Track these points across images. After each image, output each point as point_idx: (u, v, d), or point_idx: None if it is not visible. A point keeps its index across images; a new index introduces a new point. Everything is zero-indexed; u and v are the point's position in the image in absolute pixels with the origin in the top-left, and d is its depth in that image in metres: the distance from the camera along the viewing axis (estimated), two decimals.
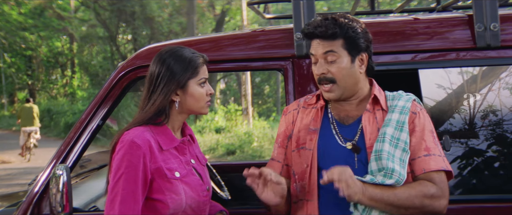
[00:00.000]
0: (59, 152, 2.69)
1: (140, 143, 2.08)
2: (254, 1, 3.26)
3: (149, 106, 2.18)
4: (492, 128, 2.52)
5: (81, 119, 2.72)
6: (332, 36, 2.12)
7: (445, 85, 2.57)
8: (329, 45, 2.13)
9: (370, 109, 2.18)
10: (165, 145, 2.17)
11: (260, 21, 25.06)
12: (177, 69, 2.17)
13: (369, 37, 2.18)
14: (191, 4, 20.70)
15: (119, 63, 2.99)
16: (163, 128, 2.19)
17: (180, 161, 2.21)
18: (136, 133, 2.11)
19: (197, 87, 2.20)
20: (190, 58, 2.20)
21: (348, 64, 2.14)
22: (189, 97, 2.20)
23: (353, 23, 2.14)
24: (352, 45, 2.13)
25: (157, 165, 2.11)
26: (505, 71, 2.57)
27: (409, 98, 2.19)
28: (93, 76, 27.89)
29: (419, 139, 2.11)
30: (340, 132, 2.20)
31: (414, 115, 2.15)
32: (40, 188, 2.65)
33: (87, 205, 2.87)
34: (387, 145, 2.08)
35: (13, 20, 25.67)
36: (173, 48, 2.24)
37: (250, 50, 2.73)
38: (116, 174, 2.07)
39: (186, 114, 2.26)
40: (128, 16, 23.58)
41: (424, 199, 2.02)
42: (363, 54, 2.16)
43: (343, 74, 2.14)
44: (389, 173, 2.04)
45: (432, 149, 2.10)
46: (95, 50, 28.98)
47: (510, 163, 2.52)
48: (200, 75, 2.21)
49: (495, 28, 2.54)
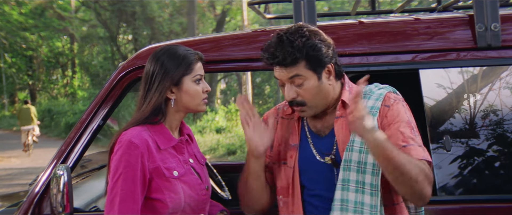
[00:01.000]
0: (59, 152, 2.69)
1: (138, 142, 2.08)
2: (254, 1, 3.26)
3: (145, 105, 2.18)
4: (493, 128, 2.52)
5: (81, 119, 2.72)
6: (292, 62, 2.03)
7: (445, 85, 2.57)
8: (292, 70, 2.05)
9: (340, 115, 2.11)
10: (163, 144, 2.17)
11: (260, 21, 25.05)
12: (170, 66, 2.18)
13: (330, 44, 2.08)
14: (192, 4, 20.71)
15: (119, 63, 2.99)
16: (160, 127, 2.19)
17: (179, 160, 2.21)
18: (133, 133, 2.11)
19: (192, 84, 2.20)
20: (184, 55, 2.20)
21: (315, 83, 2.06)
22: (184, 94, 2.19)
23: (311, 40, 2.03)
24: (315, 63, 2.05)
25: (155, 165, 2.11)
26: (505, 71, 2.57)
27: (380, 94, 2.10)
28: (94, 76, 27.91)
29: (395, 131, 2.01)
30: (316, 146, 2.16)
31: (386, 109, 2.07)
32: (41, 188, 2.65)
33: (88, 205, 2.87)
34: (356, 154, 2.02)
35: (13, 20, 25.69)
36: (167, 47, 2.25)
37: (251, 50, 2.73)
38: (115, 175, 2.07)
39: (183, 112, 2.25)
40: (129, 16, 23.59)
41: (420, 173, 1.91)
42: (328, 66, 2.08)
43: (313, 94, 2.07)
44: (360, 187, 2.00)
45: (409, 140, 1.99)
46: (95, 50, 29.00)
47: (511, 163, 2.52)
48: (194, 71, 2.20)
49: (495, 28, 2.53)
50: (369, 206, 2.00)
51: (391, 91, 2.15)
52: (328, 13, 3.94)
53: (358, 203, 2.01)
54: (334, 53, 2.11)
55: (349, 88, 2.15)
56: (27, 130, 16.34)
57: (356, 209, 2.01)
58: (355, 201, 2.01)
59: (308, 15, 2.62)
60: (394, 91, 2.16)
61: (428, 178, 1.95)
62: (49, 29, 27.51)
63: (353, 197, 2.01)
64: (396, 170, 1.89)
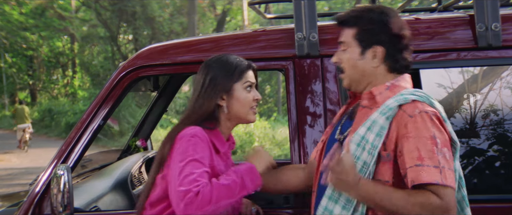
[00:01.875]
0: (60, 152, 2.69)
1: (203, 138, 2.13)
2: (255, 1, 3.26)
3: (196, 110, 2.22)
4: (493, 128, 2.52)
5: (82, 119, 2.72)
6: (344, 23, 2.13)
7: (446, 85, 2.57)
8: (343, 34, 2.14)
9: (366, 105, 2.10)
10: (220, 147, 2.23)
11: (261, 21, 25.04)
12: (223, 73, 2.23)
13: (392, 31, 2.06)
14: (192, 4, 20.69)
15: (120, 63, 2.99)
16: (215, 132, 2.24)
17: (226, 165, 2.27)
18: (197, 129, 2.15)
19: (242, 91, 2.25)
20: (236, 62, 2.26)
21: (355, 56, 2.11)
22: (235, 101, 2.24)
23: (374, 15, 2.07)
24: (363, 37, 2.08)
25: (213, 163, 2.16)
26: (506, 71, 2.56)
27: (404, 98, 2.00)
28: (94, 76, 27.89)
29: (411, 146, 1.91)
30: (344, 125, 2.20)
31: (407, 118, 1.95)
32: (41, 188, 2.65)
33: (89, 205, 2.86)
34: (354, 146, 2.01)
35: (14, 20, 25.68)
36: (219, 55, 2.32)
37: (251, 50, 2.73)
38: (181, 162, 2.06)
39: (234, 121, 2.31)
40: (129, 16, 23.57)
41: (422, 211, 1.85)
42: (377, 47, 2.07)
43: (349, 65, 2.13)
44: None
45: (426, 159, 1.88)
46: (96, 50, 28.99)
47: (511, 163, 2.51)
48: (245, 78, 2.26)
49: (496, 28, 2.53)
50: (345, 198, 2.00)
51: (421, 101, 2.01)
52: (328, 13, 3.94)
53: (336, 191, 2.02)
54: (396, 42, 2.07)
55: (391, 85, 2.09)
56: (23, 128, 17.76)
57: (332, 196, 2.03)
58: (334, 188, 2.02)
59: (308, 15, 2.62)
60: (430, 103, 2.03)
61: (438, 210, 1.85)
62: (49, 29, 27.49)
63: None
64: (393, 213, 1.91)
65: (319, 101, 2.62)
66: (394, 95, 2.05)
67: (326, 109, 2.62)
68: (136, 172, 3.63)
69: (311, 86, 2.64)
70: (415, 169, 1.88)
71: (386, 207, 1.90)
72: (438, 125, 1.96)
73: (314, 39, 2.61)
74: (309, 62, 2.65)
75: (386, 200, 1.89)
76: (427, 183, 1.86)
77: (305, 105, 2.63)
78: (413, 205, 1.86)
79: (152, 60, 2.75)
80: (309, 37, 2.62)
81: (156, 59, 2.75)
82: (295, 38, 2.63)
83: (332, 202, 2.02)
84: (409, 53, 2.13)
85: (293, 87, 2.65)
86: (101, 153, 4.12)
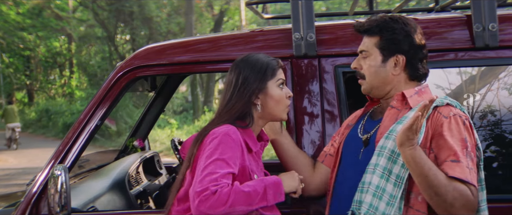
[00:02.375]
0: (57, 152, 2.68)
1: (235, 138, 2.12)
2: (252, 1, 3.26)
3: (228, 108, 2.22)
4: (491, 128, 2.52)
5: (79, 119, 2.72)
6: (366, 32, 2.19)
7: (443, 86, 2.57)
8: (365, 43, 2.21)
9: (396, 106, 2.17)
10: (253, 147, 2.24)
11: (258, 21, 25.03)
12: (256, 71, 2.24)
13: (414, 41, 2.15)
14: (190, 4, 20.69)
15: (117, 63, 2.99)
16: (248, 131, 2.24)
17: (258, 165, 2.27)
18: (229, 128, 2.14)
19: (276, 89, 2.27)
20: (267, 61, 2.28)
21: (377, 63, 2.18)
22: (270, 99, 2.25)
23: (396, 24, 2.14)
24: (385, 46, 2.16)
25: (245, 163, 2.15)
26: (503, 71, 2.57)
27: (440, 100, 2.11)
28: (92, 76, 27.83)
29: (447, 145, 2.01)
30: (365, 125, 2.26)
31: (444, 119, 2.05)
32: (38, 188, 2.65)
33: (86, 205, 2.86)
34: (392, 143, 2.05)
35: (11, 20, 25.62)
36: (248, 55, 2.32)
37: (249, 50, 2.73)
38: (208, 160, 2.05)
39: (266, 119, 2.31)
40: (127, 16, 23.55)
41: (459, 199, 1.93)
42: (399, 56, 2.16)
43: (371, 72, 2.19)
44: (386, 174, 2.04)
45: (461, 158, 1.98)
46: (93, 50, 28.94)
47: (509, 163, 2.52)
48: (278, 76, 2.28)
49: (493, 28, 2.54)
50: (389, 194, 2.03)
51: (454, 105, 2.13)
52: (326, 13, 3.95)
53: (380, 188, 2.04)
54: (417, 52, 2.17)
55: (419, 91, 2.19)
56: (12, 127, 18.58)
57: (376, 193, 2.04)
58: (378, 185, 2.04)
59: (306, 15, 2.62)
60: (461, 109, 2.14)
61: (468, 205, 1.94)
62: (46, 29, 27.43)
63: (377, 182, 2.05)
64: (430, 189, 1.94)
65: (317, 101, 2.63)
66: (422, 99, 2.14)
67: (324, 109, 2.62)
68: (134, 173, 3.63)
69: (308, 86, 2.64)
70: (450, 164, 1.97)
71: (429, 178, 1.93)
72: (469, 129, 2.09)
73: (311, 39, 2.61)
74: (306, 62, 2.65)
75: (433, 172, 1.94)
76: (461, 179, 1.95)
77: (303, 105, 2.63)
78: (454, 189, 1.93)
79: (149, 60, 2.75)
80: (306, 37, 2.62)
81: (154, 59, 2.75)
82: (293, 38, 2.63)
83: (377, 199, 2.04)
84: (426, 62, 2.23)
85: (290, 88, 2.65)
86: (99, 153, 4.12)
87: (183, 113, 24.21)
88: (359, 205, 2.06)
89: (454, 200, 1.93)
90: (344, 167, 2.26)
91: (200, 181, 2.01)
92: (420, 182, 1.96)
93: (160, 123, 18.29)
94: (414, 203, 2.06)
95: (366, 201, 2.05)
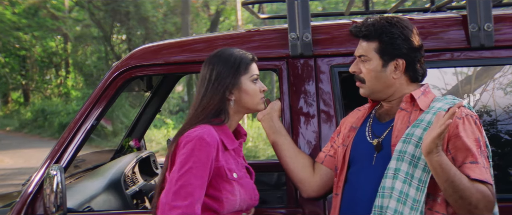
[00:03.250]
0: (53, 152, 2.68)
1: (210, 140, 2.10)
2: (248, 1, 3.26)
3: (203, 106, 2.20)
4: (487, 128, 2.53)
5: (75, 119, 2.71)
6: (365, 37, 2.18)
7: (439, 86, 2.58)
8: (363, 47, 2.19)
9: (405, 108, 2.17)
10: (229, 145, 2.21)
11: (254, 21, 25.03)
12: (229, 67, 2.23)
13: (413, 44, 2.15)
14: (186, 4, 20.66)
15: (113, 63, 2.98)
16: (224, 127, 2.23)
17: (237, 162, 2.25)
18: (204, 130, 2.12)
19: (250, 84, 2.25)
20: (241, 56, 2.26)
21: (377, 68, 2.18)
22: (244, 94, 2.24)
23: (393, 28, 2.14)
24: (385, 50, 2.15)
25: (219, 164, 2.13)
26: (499, 72, 2.57)
27: (452, 101, 2.13)
28: (88, 76, 27.78)
29: (464, 146, 2.03)
30: (373, 128, 2.25)
31: (458, 121, 2.06)
32: (34, 188, 2.65)
33: (81, 205, 2.85)
34: (412, 147, 2.05)
35: (7, 20, 25.54)
36: (222, 50, 2.31)
37: (245, 50, 2.73)
38: (182, 167, 2.05)
39: (242, 113, 2.30)
40: (123, 16, 23.50)
41: (482, 200, 1.97)
42: (398, 60, 2.16)
43: (371, 76, 2.19)
44: (409, 178, 2.04)
45: (478, 158, 2.02)
46: (89, 50, 28.87)
47: (506, 163, 2.52)
48: (251, 71, 2.27)
49: (489, 28, 2.54)
50: (412, 199, 2.03)
51: (464, 106, 2.14)
52: (322, 13, 3.95)
53: (403, 193, 2.04)
54: (416, 54, 2.17)
55: (424, 91, 2.20)
56: None
57: (400, 198, 2.04)
58: (401, 190, 2.04)
59: (302, 15, 2.62)
60: (470, 108, 2.16)
61: (490, 205, 1.99)
62: (42, 29, 27.35)
63: (400, 187, 2.05)
64: (455, 193, 1.96)
65: (313, 101, 2.63)
66: (429, 100, 2.17)
67: (320, 109, 2.62)
68: (130, 173, 3.62)
69: (304, 86, 2.64)
70: (470, 166, 2.01)
71: (455, 183, 1.95)
72: (481, 129, 2.11)
73: (307, 39, 2.62)
74: (302, 62, 2.66)
75: (458, 177, 1.95)
76: (482, 180, 1.99)
77: (299, 105, 2.63)
78: (477, 191, 1.96)
79: (145, 60, 2.75)
80: (302, 37, 2.62)
81: (150, 59, 2.75)
82: (289, 38, 2.64)
83: (401, 204, 2.04)
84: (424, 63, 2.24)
85: (286, 87, 2.65)
86: (94, 153, 4.11)
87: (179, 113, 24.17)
88: (381, 210, 2.06)
89: (478, 201, 1.96)
90: (356, 171, 2.24)
91: (174, 193, 2.02)
92: (446, 187, 1.97)
93: (156, 123, 18.26)
94: (433, 204, 2.07)
95: (390, 206, 2.05)
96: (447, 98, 2.18)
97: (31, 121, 25.44)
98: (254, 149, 14.02)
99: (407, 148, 2.06)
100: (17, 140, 18.91)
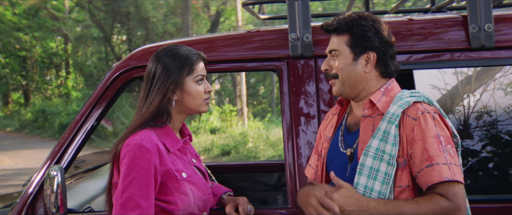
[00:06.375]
0: (53, 153, 2.68)
1: (149, 146, 2.07)
2: (249, 2, 3.26)
3: (147, 107, 2.18)
4: (487, 128, 2.53)
5: (75, 119, 2.71)
6: (336, 30, 2.15)
7: (439, 86, 2.58)
8: (334, 43, 2.16)
9: (368, 114, 2.14)
10: (172, 147, 2.18)
11: (255, 21, 25.04)
12: (173, 67, 2.18)
13: (384, 37, 2.12)
14: (186, 5, 20.67)
15: (113, 64, 2.98)
16: (166, 129, 2.19)
17: (184, 161, 2.22)
18: (142, 136, 2.09)
19: (194, 85, 2.21)
20: (186, 55, 2.21)
21: (348, 61, 2.14)
22: (186, 95, 2.20)
23: (364, 22, 2.11)
24: (355, 43, 2.12)
25: (166, 167, 2.11)
26: (499, 72, 2.57)
27: (406, 102, 2.08)
28: (88, 77, 27.80)
29: (421, 149, 2.00)
30: (345, 138, 2.22)
31: (412, 122, 2.03)
32: (34, 189, 2.65)
33: (82, 206, 2.86)
34: (370, 160, 2.03)
35: (7, 20, 25.56)
36: (169, 47, 2.25)
37: (245, 50, 2.73)
38: (126, 178, 2.04)
39: (185, 113, 2.27)
40: (123, 16, 23.52)
41: (438, 212, 1.92)
42: (369, 53, 2.12)
43: (343, 71, 2.15)
44: (368, 192, 2.02)
45: (435, 157, 1.97)
46: (89, 50, 28.89)
47: (506, 163, 2.52)
48: (196, 72, 2.22)
49: (489, 29, 2.54)
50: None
51: (422, 101, 2.11)
52: (322, 14, 3.95)
53: None
54: (387, 49, 2.14)
55: (385, 90, 2.16)
56: None
57: None
58: None
59: (302, 15, 2.62)
60: (429, 102, 2.13)
61: (452, 209, 1.94)
62: (43, 29, 27.37)
63: None
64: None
65: (313, 102, 2.63)
66: (391, 98, 2.12)
67: (320, 109, 2.62)
68: None
69: (305, 86, 2.64)
70: (426, 171, 1.97)
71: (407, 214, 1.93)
72: (440, 122, 2.05)
73: (307, 39, 2.62)
74: (302, 63, 2.66)
75: (397, 209, 1.94)
76: (440, 182, 1.95)
77: (299, 106, 2.63)
78: (425, 212, 1.93)
79: (145, 61, 2.74)
80: (302, 37, 2.62)
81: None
82: (289, 39, 2.64)
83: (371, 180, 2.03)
84: (396, 59, 2.20)
85: (287, 88, 2.65)
86: (95, 154, 4.11)
87: None
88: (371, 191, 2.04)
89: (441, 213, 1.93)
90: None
91: (121, 205, 2.02)
92: None
93: None
94: None
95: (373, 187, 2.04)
96: (404, 95, 2.12)
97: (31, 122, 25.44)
98: (255, 150, 14.03)
99: (366, 161, 2.04)
100: (17, 141, 18.92)
